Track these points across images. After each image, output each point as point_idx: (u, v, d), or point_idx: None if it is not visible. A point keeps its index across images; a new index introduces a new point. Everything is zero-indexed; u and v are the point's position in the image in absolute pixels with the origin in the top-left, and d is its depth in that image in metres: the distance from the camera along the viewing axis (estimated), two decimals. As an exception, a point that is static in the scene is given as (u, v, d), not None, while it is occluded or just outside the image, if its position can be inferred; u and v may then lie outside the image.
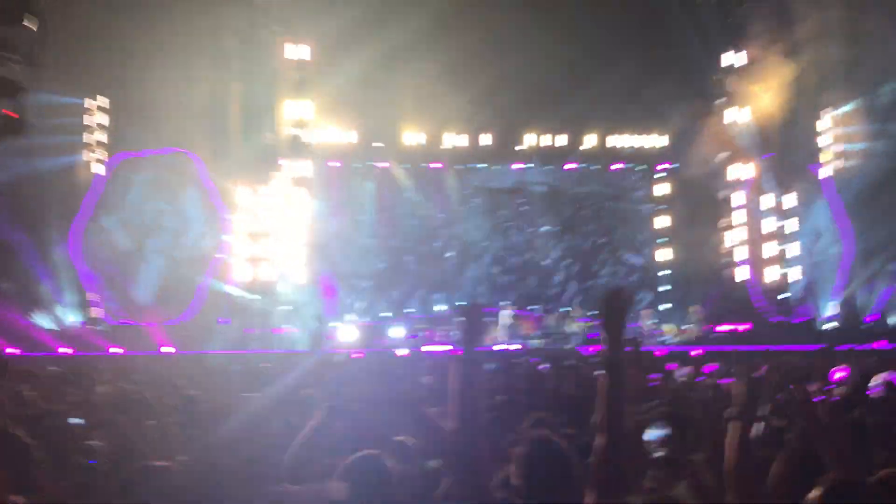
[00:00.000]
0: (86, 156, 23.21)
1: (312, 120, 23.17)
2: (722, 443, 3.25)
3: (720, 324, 23.26)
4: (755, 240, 24.50)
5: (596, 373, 6.96)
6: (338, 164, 25.34)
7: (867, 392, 7.31)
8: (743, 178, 24.65)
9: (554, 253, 26.55)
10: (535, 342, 21.68)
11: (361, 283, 25.20)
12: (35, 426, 4.28)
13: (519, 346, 20.67)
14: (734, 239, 24.85)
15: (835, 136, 25.85)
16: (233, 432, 4.85)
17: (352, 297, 24.66)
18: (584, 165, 26.60)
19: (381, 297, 25.14)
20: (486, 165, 26.58)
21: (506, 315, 22.03)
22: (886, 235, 22.90)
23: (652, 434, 4.39)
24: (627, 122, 25.14)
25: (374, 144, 25.12)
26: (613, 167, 26.74)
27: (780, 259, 24.56)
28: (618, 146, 25.87)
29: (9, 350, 17.66)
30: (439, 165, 26.14)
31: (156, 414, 5.86)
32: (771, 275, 24.21)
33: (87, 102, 23.18)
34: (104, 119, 23.44)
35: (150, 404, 6.12)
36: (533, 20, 22.77)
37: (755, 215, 24.61)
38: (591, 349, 20.05)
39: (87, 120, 23.13)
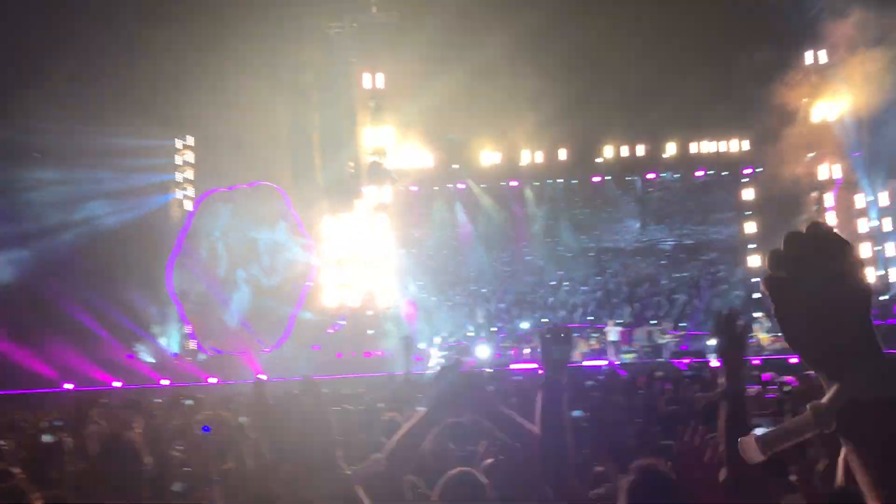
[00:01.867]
0: (177, 193, 24.10)
1: (391, 146, 23.47)
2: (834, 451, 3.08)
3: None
4: (850, 240, 23.57)
5: (699, 395, 6.82)
6: (415, 189, 25.55)
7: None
8: (833, 178, 23.81)
9: (640, 265, 26.14)
10: (627, 357, 21.33)
11: (448, 302, 25.22)
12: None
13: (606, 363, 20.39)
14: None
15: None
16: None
17: (439, 317, 24.73)
18: (665, 175, 26.16)
19: (467, 317, 25.12)
20: (563, 180, 26.38)
21: (613, 331, 21.93)
22: None
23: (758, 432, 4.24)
24: (708, 128, 24.60)
25: (452, 166, 25.26)
26: (696, 174, 26.16)
27: (877, 260, 23.61)
28: (700, 152, 25.30)
29: (114, 383, 18.39)
30: (516, 183, 26.13)
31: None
32: (870, 276, 23.26)
33: (177, 142, 24.09)
34: (191, 157, 24.30)
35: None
36: (606, 30, 22.67)
37: (848, 215, 23.74)
38: (684, 361, 19.65)
39: (177, 159, 24.04)
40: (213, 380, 19.48)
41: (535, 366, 20.38)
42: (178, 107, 22.83)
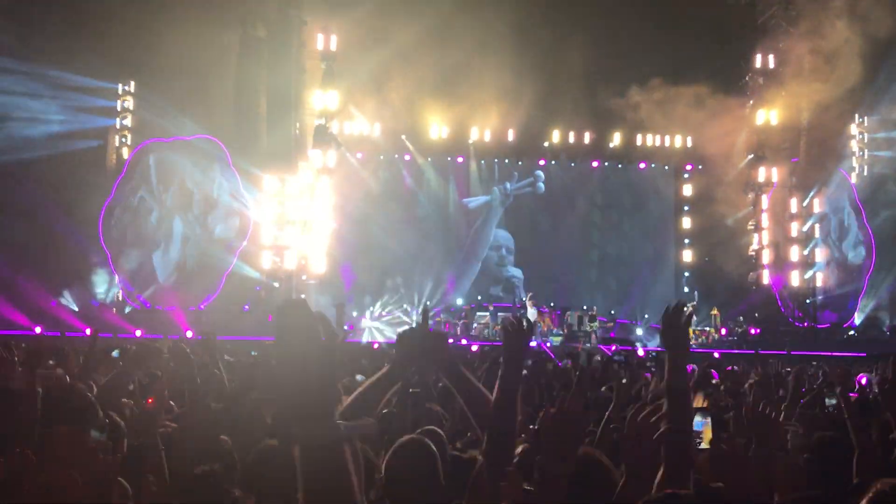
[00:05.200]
0: (116, 140, 23.45)
1: (338, 110, 23.15)
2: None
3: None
4: (781, 243, 24.29)
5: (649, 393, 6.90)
6: (360, 156, 25.32)
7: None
8: (770, 181, 24.41)
9: (575, 250, 26.41)
10: (555, 339, 21.63)
11: (384, 276, 25.12)
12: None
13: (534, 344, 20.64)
14: (760, 242, 24.60)
15: (864, 142, 25.69)
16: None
17: (372, 288, 24.64)
18: (609, 163, 26.47)
19: (402, 291, 25.05)
20: (509, 161, 26.46)
21: (531, 312, 22.05)
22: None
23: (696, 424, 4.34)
24: (654, 122, 24.85)
25: (400, 137, 25.10)
26: (639, 166, 26.52)
27: (806, 263, 24.37)
28: (644, 146, 25.61)
29: (37, 329, 17.90)
30: (461, 159, 26.12)
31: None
32: (796, 279, 23.99)
33: (119, 87, 23.40)
34: (131, 104, 23.63)
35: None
36: (560, 15, 22.73)
37: (781, 218, 24.41)
38: (611, 347, 20.04)
39: (117, 105, 23.37)
40: (138, 332, 19.10)
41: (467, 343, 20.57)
42: (121, 51, 22.16)
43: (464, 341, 20.76)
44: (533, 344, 20.38)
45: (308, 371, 1.47)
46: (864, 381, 10.52)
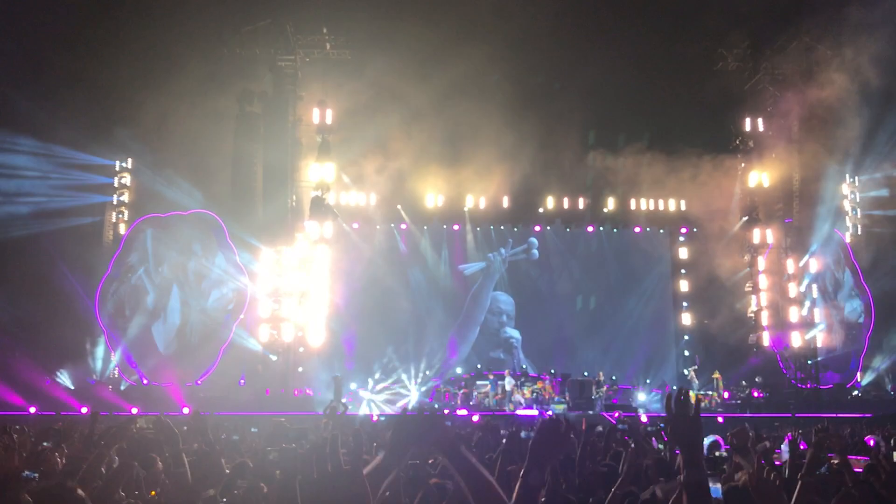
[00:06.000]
0: (113, 216, 23.56)
1: (334, 182, 23.33)
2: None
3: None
4: (779, 304, 24.22)
5: (660, 490, 6.75)
6: (356, 226, 25.42)
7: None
8: (766, 242, 24.49)
9: (573, 315, 26.31)
10: (557, 408, 21.33)
11: (384, 345, 24.92)
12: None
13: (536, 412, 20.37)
14: (759, 303, 24.53)
15: (856, 201, 25.91)
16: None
17: (372, 358, 24.43)
18: (605, 228, 26.58)
19: (401, 360, 24.81)
20: (505, 227, 26.58)
21: (508, 380, 22.15)
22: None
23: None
24: (647, 186, 25.06)
25: (395, 206, 25.23)
26: (635, 230, 26.60)
27: (805, 324, 24.26)
28: (638, 209, 25.78)
29: (31, 409, 17.62)
30: (457, 227, 26.22)
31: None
32: (797, 339, 23.84)
33: (117, 164, 23.63)
34: (128, 180, 23.84)
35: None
36: (552, 83, 23.14)
37: (779, 279, 24.39)
38: (614, 414, 19.75)
39: (115, 181, 23.58)
40: (134, 410, 18.82)
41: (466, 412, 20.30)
42: (120, 127, 22.47)
43: (464, 411, 20.49)
44: (534, 413, 20.15)
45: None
46: (871, 443, 10.35)
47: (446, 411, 19.94)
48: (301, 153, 23.59)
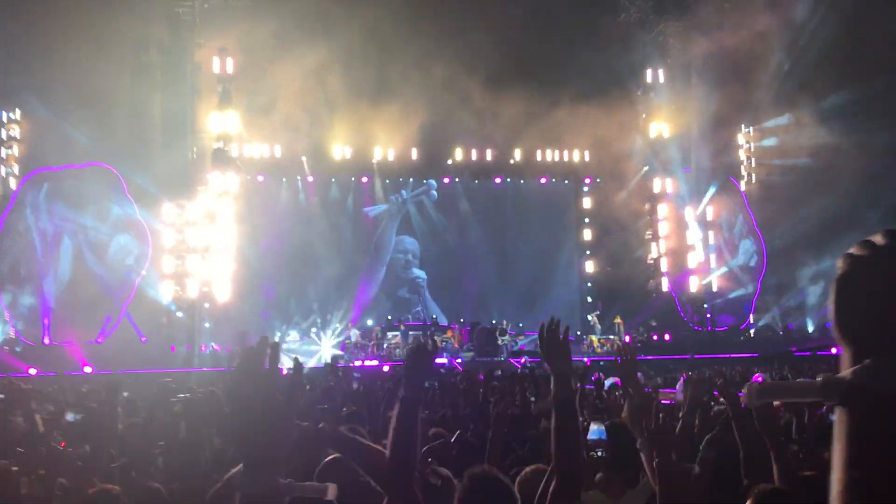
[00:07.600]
0: (1, 170, 22.38)
1: (237, 133, 22.76)
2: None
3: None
4: (678, 250, 25.16)
5: (535, 408, 6.99)
6: (261, 179, 24.96)
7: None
8: (665, 191, 25.29)
9: (481, 264, 26.67)
10: (466, 355, 21.70)
11: (294, 295, 24.80)
12: None
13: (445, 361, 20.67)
14: (658, 250, 25.43)
15: (751, 151, 26.91)
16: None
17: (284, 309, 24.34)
18: (512, 179, 26.92)
19: (311, 311, 24.75)
20: (414, 179, 26.62)
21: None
22: (800, 245, 23.86)
23: (592, 433, 4.39)
24: (554, 139, 25.41)
25: (301, 157, 24.85)
26: (541, 181, 27.06)
27: (702, 269, 25.29)
28: (544, 161, 26.18)
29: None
30: (366, 179, 26.10)
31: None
32: (694, 285, 24.86)
33: (4, 115, 22.37)
34: (17, 132, 22.61)
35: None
36: (459, 35, 22.97)
37: (678, 227, 25.29)
38: (520, 360, 20.26)
39: (2, 133, 22.32)
40: (32, 371, 18.19)
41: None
42: (7, 77, 21.25)
43: (375, 362, 20.62)
44: (444, 361, 20.44)
45: (261, 420, 1.45)
46: (759, 380, 10.95)
47: (356, 363, 20.02)
48: (202, 103, 22.81)
